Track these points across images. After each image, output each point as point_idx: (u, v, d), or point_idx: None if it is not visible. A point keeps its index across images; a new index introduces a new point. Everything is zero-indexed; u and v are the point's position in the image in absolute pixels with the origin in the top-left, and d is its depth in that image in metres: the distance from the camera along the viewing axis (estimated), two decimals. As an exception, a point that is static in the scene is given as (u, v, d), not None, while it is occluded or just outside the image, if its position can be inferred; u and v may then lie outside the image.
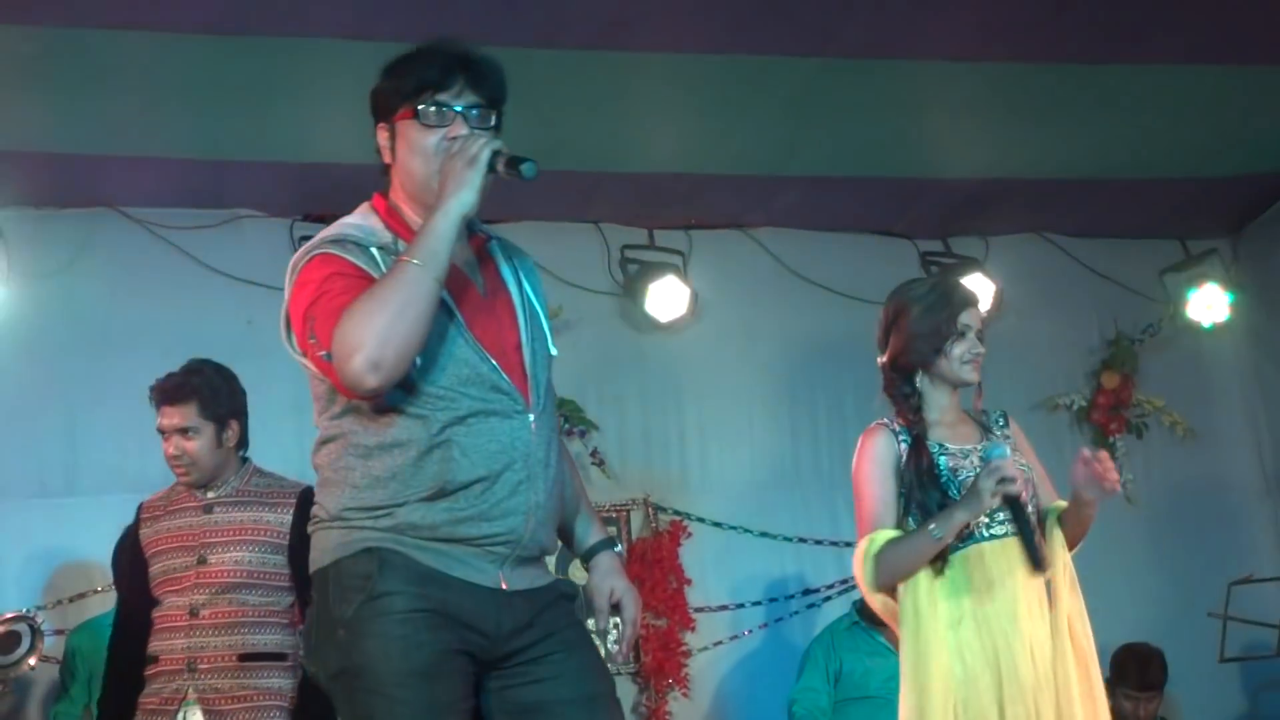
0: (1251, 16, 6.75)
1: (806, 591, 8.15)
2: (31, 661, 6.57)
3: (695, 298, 8.17)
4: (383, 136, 3.66)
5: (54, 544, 7.31)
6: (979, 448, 4.77)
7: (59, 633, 7.04)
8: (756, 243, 8.47)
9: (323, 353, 3.40)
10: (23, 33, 6.23)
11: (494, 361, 3.57)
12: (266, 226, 7.78)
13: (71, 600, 7.25)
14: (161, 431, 5.56)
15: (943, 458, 4.74)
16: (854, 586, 5.06)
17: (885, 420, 4.85)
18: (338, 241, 3.55)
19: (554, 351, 3.77)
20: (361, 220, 3.65)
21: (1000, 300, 8.40)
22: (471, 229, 3.69)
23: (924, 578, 4.66)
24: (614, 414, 8.14)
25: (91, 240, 7.58)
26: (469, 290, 3.63)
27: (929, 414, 4.83)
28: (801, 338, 8.33)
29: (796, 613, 8.12)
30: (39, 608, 7.03)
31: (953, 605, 4.65)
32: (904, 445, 4.76)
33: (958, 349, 4.80)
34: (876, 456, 4.77)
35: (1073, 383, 8.81)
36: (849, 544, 5.09)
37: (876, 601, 4.77)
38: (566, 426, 7.72)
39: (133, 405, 7.39)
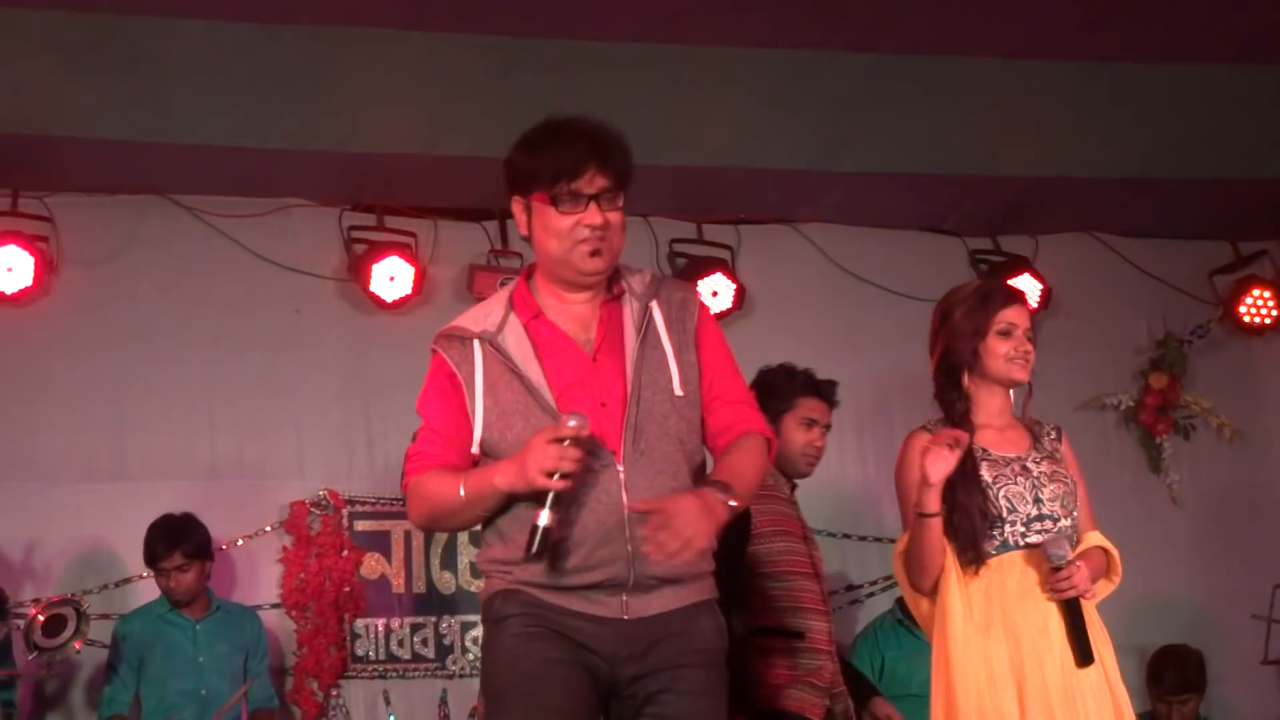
0: (1306, 17, 6.73)
1: (849, 588, 8.13)
2: (77, 645, 6.60)
3: (743, 292, 8.16)
4: (517, 207, 3.99)
5: (100, 530, 7.33)
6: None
7: (104, 616, 7.06)
8: (805, 238, 8.45)
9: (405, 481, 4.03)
10: (74, 19, 6.26)
11: None
12: (315, 215, 7.80)
13: (117, 585, 7.29)
14: None
15: (983, 463, 4.73)
16: (896, 584, 5.05)
17: (926, 424, 4.84)
18: (449, 336, 4.01)
19: (679, 392, 3.94)
20: (492, 303, 4.05)
21: (1049, 299, 8.39)
22: (612, 280, 4.02)
23: (955, 583, 4.67)
24: (661, 407, 8.10)
25: (141, 227, 7.63)
26: (572, 356, 3.93)
27: (977, 417, 4.81)
28: (848, 333, 8.28)
29: (839, 608, 8.10)
30: (85, 592, 7.07)
31: (982, 611, 4.65)
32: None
33: (1003, 346, 4.77)
34: (911, 462, 4.75)
35: (1120, 383, 8.75)
36: (891, 540, 5.08)
37: (923, 607, 4.82)
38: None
39: (180, 392, 7.49)
